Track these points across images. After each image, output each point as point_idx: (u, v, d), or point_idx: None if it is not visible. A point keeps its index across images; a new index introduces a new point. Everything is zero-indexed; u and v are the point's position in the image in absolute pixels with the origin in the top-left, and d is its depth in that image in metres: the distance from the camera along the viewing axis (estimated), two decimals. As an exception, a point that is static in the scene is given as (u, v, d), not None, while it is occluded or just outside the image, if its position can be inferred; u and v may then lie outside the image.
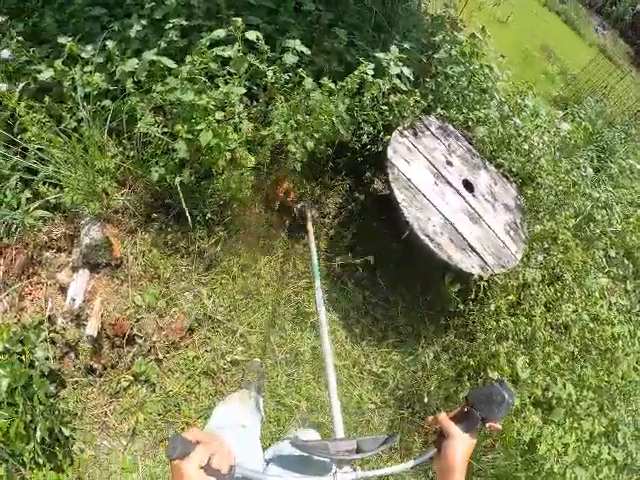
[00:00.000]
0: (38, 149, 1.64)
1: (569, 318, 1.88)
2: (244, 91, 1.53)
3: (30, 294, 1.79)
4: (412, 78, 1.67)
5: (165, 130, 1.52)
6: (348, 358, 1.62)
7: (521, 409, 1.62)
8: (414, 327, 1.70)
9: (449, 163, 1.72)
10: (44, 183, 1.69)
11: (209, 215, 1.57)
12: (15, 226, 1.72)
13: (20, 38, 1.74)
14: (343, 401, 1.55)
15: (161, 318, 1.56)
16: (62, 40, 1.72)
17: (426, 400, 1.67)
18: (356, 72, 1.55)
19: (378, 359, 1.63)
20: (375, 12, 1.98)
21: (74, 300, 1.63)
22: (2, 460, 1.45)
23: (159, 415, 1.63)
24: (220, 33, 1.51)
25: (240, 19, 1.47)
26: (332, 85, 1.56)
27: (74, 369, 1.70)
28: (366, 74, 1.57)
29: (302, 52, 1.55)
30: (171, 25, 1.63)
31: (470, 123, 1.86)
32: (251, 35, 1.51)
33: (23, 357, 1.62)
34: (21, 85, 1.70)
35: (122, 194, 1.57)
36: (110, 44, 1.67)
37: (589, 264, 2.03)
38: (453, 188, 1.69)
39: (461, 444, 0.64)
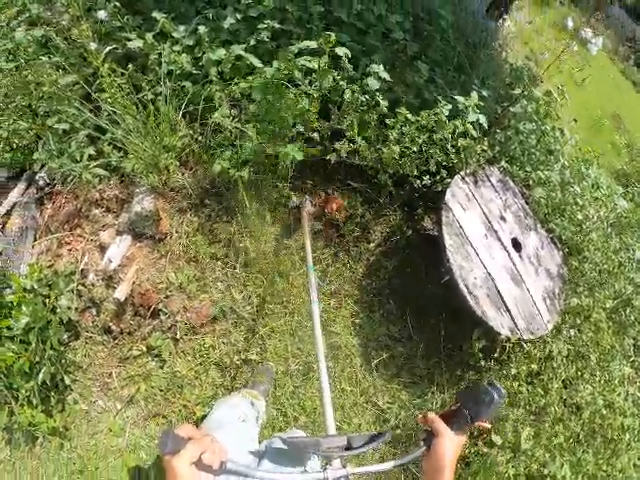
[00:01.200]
0: (112, 111, 1.73)
1: (584, 400, 1.86)
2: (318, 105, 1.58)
3: (69, 244, 1.88)
4: (486, 127, 1.69)
5: (237, 125, 1.59)
6: (357, 386, 1.64)
7: (514, 480, 1.61)
8: (429, 371, 1.71)
9: (502, 218, 1.73)
10: (109, 144, 1.78)
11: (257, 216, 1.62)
12: (72, 177, 1.81)
13: (117, 3, 1.84)
14: (344, 427, 1.57)
15: (189, 300, 1.62)
16: (156, 15, 1.83)
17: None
18: (435, 110, 1.59)
19: (386, 394, 1.65)
20: (458, 52, 2.02)
21: (111, 261, 1.71)
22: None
23: (160, 391, 1.68)
24: (310, 44, 1.57)
25: (333, 34, 1.53)
26: (409, 116, 1.61)
27: (92, 325, 1.77)
28: (442, 114, 1.60)
29: (384, 79, 1.59)
30: (264, 26, 1.70)
31: (531, 182, 1.87)
32: (341, 51, 1.56)
33: (47, 301, 1.70)
34: (109, 48, 1.79)
35: (183, 174, 1.64)
36: (202, 29, 1.76)
37: (616, 349, 2.00)
38: (501, 244, 1.70)
39: (450, 443, 0.66)
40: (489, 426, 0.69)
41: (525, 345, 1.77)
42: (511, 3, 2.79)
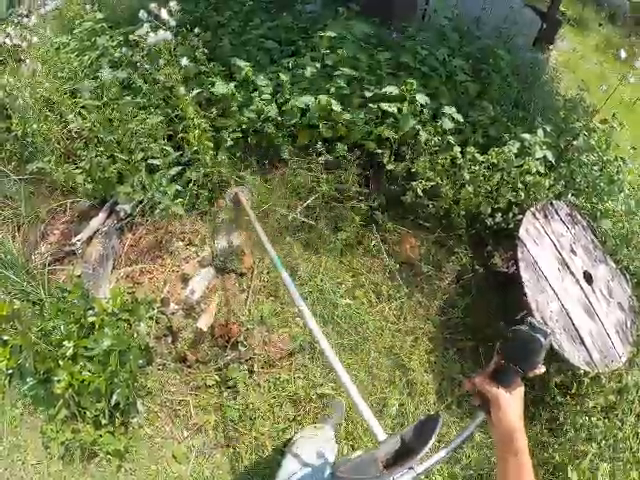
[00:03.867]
0: (195, 151, 1.89)
1: (658, 433, 1.83)
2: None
3: (151, 273, 2.02)
4: (553, 163, 1.78)
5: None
6: (431, 422, 1.67)
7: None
8: (504, 408, 1.72)
9: (573, 252, 1.79)
10: (194, 182, 1.93)
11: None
12: (156, 210, 1.94)
13: (205, 50, 1.96)
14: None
15: (269, 334, 1.71)
16: (240, 64, 2.00)
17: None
18: (503, 149, 1.69)
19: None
20: (516, 89, 2.13)
21: (193, 293, 1.84)
22: (65, 403, 1.55)
23: (231, 421, 1.70)
24: (392, 90, 1.71)
25: (414, 81, 1.66)
26: (477, 155, 1.72)
27: (167, 352, 1.87)
28: (511, 152, 1.71)
29: (457, 120, 1.72)
30: (340, 73, 1.86)
31: (598, 214, 1.93)
32: (421, 99, 1.70)
33: (126, 325, 1.81)
34: (195, 92, 1.94)
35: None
36: (283, 77, 1.93)
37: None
38: (574, 277, 1.75)
39: (510, 404, 0.61)
40: (544, 369, 0.64)
41: (602, 377, 1.78)
42: (555, 33, 2.91)
